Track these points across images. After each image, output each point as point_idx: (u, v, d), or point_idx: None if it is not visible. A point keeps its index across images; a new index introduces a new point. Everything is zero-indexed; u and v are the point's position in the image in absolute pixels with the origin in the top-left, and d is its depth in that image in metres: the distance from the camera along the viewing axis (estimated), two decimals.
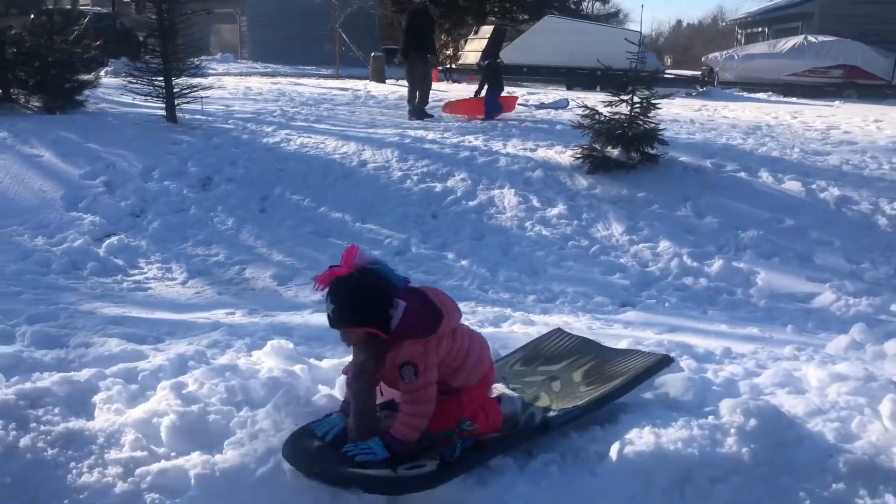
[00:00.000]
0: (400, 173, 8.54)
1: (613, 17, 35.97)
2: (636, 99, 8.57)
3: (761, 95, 21.62)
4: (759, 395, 3.11)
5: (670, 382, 3.09)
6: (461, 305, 3.01)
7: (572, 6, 32.08)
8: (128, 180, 8.05)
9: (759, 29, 31.52)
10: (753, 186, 8.42)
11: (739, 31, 34.79)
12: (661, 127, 8.71)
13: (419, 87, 11.96)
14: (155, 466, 2.49)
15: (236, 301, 5.76)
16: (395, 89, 16.64)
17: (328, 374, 3.17)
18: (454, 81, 23.26)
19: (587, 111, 8.72)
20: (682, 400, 2.96)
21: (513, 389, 3.05)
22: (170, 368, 3.30)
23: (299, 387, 2.90)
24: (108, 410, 2.83)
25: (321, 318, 5.18)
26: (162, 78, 9.68)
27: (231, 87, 15.46)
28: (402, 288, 2.61)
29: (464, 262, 6.82)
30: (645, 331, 4.68)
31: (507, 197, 8.04)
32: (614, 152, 8.61)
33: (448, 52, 34.45)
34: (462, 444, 2.51)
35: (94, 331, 4.08)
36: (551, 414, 2.85)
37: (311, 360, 3.40)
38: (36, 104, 10.68)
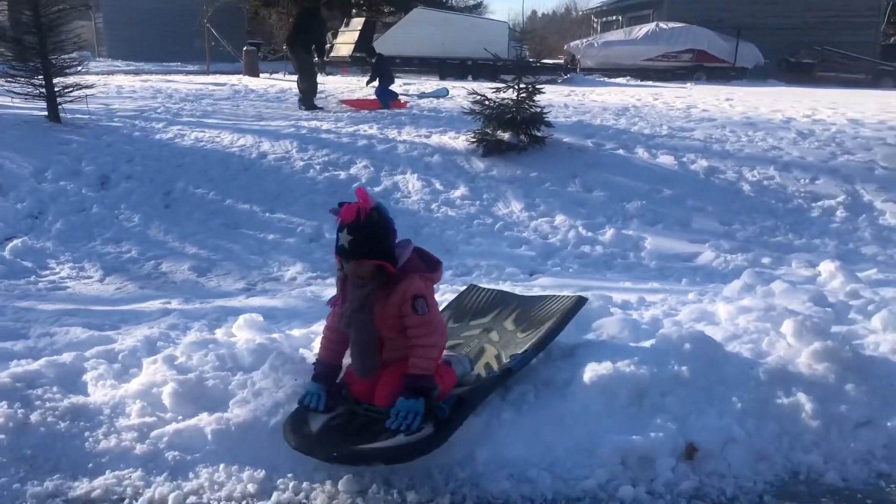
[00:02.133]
0: (302, 163, 8.69)
1: (476, 9, 36.87)
2: (522, 85, 9.08)
3: (620, 80, 22.95)
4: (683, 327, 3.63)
5: (606, 324, 3.55)
6: None
7: None
8: (20, 182, 7.79)
9: (614, 17, 33.25)
10: (632, 162, 9.14)
11: (595, 20, 36.55)
12: (546, 110, 9.28)
13: (309, 80, 12.12)
14: (169, 428, 2.69)
15: (163, 293, 5.80)
16: (273, 83, 16.59)
17: (301, 342, 3.41)
18: (327, 74, 23.28)
19: (478, 98, 9.16)
20: (621, 336, 3.42)
21: (456, 345, 3.33)
22: (143, 348, 3.45)
23: (286, 349, 3.14)
24: (102, 386, 2.98)
25: (261, 301, 5.38)
26: (42, 77, 9.32)
27: (100, 86, 14.91)
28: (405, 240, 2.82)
29: None
30: (562, 290, 5.13)
31: (411, 182, 8.37)
32: (505, 135, 9.10)
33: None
34: (448, 404, 2.71)
35: (50, 322, 4.10)
36: (506, 361, 3.12)
37: (286, 331, 3.62)
38: None
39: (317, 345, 3.36)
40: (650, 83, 21.47)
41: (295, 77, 12.79)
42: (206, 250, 6.92)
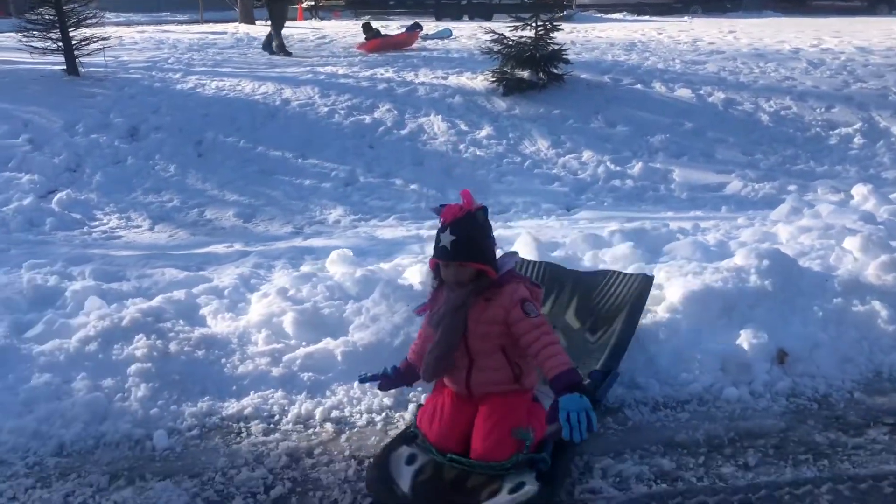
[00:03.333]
0: (326, 109, 8.76)
1: None
2: (539, 23, 9.13)
3: (617, 16, 22.76)
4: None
5: (678, 247, 3.76)
6: (424, 225, 3.27)
7: None
8: (53, 136, 7.86)
9: None
10: (651, 96, 9.26)
11: None
12: (564, 47, 9.35)
13: (277, 27, 12.25)
14: (300, 352, 2.91)
15: (218, 239, 5.96)
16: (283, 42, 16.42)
17: (392, 274, 3.59)
18: (321, 19, 22.98)
19: (496, 36, 9.20)
20: (695, 257, 3.63)
21: None
22: (242, 285, 3.63)
23: (391, 278, 3.34)
24: (222, 319, 3.19)
25: (322, 241, 5.54)
26: (58, 30, 9.28)
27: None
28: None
29: (413, 187, 7.26)
30: (610, 223, 5.30)
31: (436, 123, 8.47)
32: (524, 74, 9.18)
33: None
34: (546, 452, 2.43)
35: (140, 265, 4.28)
36: (586, 381, 2.74)
37: (378, 264, 3.80)
38: None
39: (408, 275, 3.53)
40: (646, 18, 21.32)
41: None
42: (247, 197, 7.06)
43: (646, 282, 3.16)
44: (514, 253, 2.69)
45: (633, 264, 3.54)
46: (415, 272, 3.37)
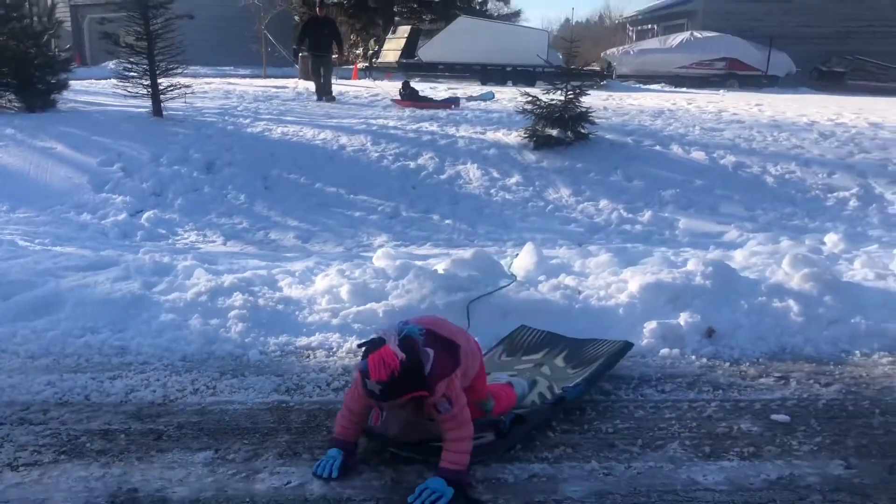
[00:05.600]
0: (376, 154, 9.97)
1: (515, 16, 38.13)
2: (569, 88, 10.31)
3: (655, 87, 23.93)
4: None
5: (650, 260, 4.76)
6: (456, 252, 4.24)
7: (477, 6, 33.99)
8: (141, 166, 9.17)
9: (649, 26, 34.26)
10: (667, 157, 10.30)
11: (630, 29, 37.56)
12: (591, 110, 10.49)
13: (326, 78, 14.59)
14: (352, 310, 3.99)
15: (280, 254, 7.09)
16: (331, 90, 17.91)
17: (423, 265, 4.65)
18: (374, 79, 24.58)
19: (530, 98, 10.39)
20: (660, 265, 4.62)
21: (509, 376, 3.55)
22: (308, 271, 4.73)
23: (422, 266, 4.41)
24: (295, 288, 4.30)
25: (370, 254, 6.61)
26: (148, 79, 10.74)
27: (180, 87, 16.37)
28: (421, 335, 2.70)
29: (448, 221, 8.35)
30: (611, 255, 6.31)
31: (471, 171, 9.61)
32: (554, 132, 10.31)
33: (359, 52, 35.70)
34: (508, 419, 2.98)
35: (228, 259, 5.42)
36: (558, 392, 3.39)
37: (412, 262, 4.87)
38: (17, 104, 11.49)
39: (435, 264, 4.57)
40: (684, 90, 22.43)
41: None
42: (306, 223, 8.21)
43: (626, 344, 3.76)
44: (427, 352, 2.67)
45: (608, 269, 4.55)
46: (440, 263, 4.42)
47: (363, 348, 2.63)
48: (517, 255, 4.91)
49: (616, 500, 2.58)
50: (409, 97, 14.15)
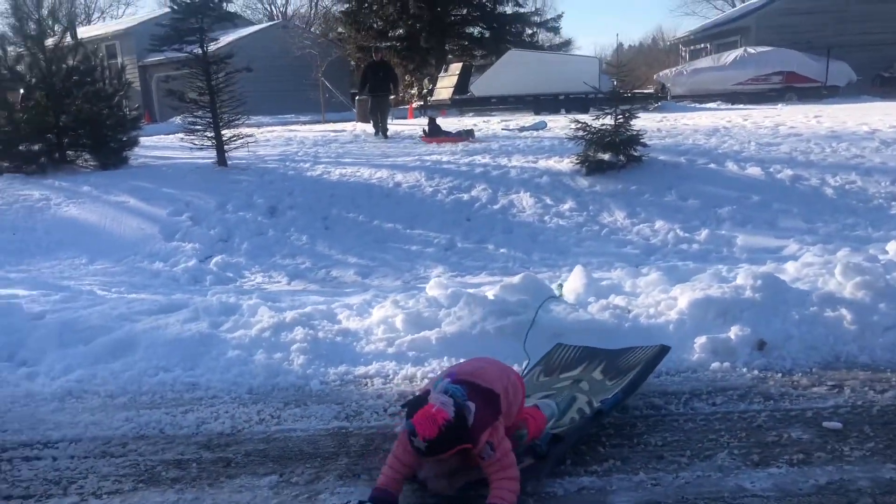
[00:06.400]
0: (431, 189, 10.20)
1: (565, 46, 38.38)
2: (618, 112, 10.38)
3: (711, 105, 23.71)
4: None
5: (700, 277, 4.79)
6: (513, 279, 4.34)
7: (527, 38, 34.36)
8: (208, 214, 9.60)
9: (702, 45, 33.96)
10: (723, 174, 10.24)
11: (683, 49, 37.30)
12: (641, 132, 10.53)
13: (383, 117, 15.64)
14: (406, 338, 4.16)
15: (340, 289, 7.33)
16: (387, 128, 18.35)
17: (474, 292, 4.80)
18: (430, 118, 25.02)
19: (580, 124, 10.50)
20: (710, 282, 4.66)
21: (547, 395, 3.58)
22: (364, 304, 4.93)
23: (473, 293, 4.55)
24: (353, 320, 4.50)
25: (423, 284, 6.78)
26: (212, 131, 11.27)
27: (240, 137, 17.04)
28: (462, 391, 2.71)
29: (503, 250, 8.49)
30: (667, 273, 6.34)
31: (524, 199, 9.74)
32: (605, 156, 10.38)
33: (413, 91, 36.40)
34: (543, 441, 3.03)
35: (289, 296, 5.68)
36: (597, 405, 3.37)
37: (462, 289, 5.02)
38: (92, 163, 12.17)
39: (486, 291, 4.70)
40: (740, 106, 22.17)
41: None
42: (365, 259, 8.45)
43: (661, 348, 3.75)
44: (469, 406, 2.68)
45: (658, 287, 4.61)
46: (490, 290, 4.56)
47: (405, 409, 2.71)
48: (566, 279, 5.01)
49: None
50: (433, 133, 14.73)
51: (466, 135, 14.47)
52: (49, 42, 12.08)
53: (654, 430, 3.27)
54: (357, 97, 23.67)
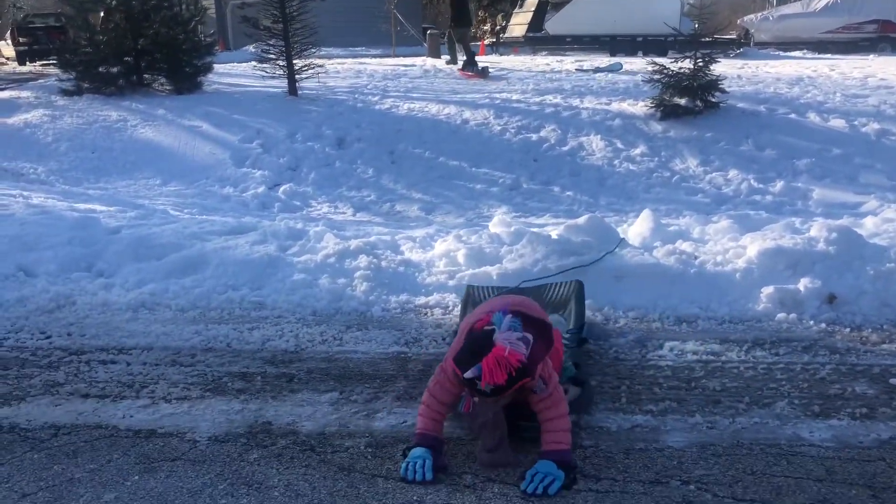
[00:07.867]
0: (499, 128, 10.10)
1: None
2: (698, 55, 10.02)
3: (797, 54, 22.64)
4: None
5: (773, 227, 4.66)
6: (578, 221, 4.31)
7: None
8: (278, 143, 9.73)
9: None
10: (803, 125, 9.84)
11: None
12: (721, 78, 10.16)
13: (468, 48, 15.70)
14: (467, 272, 4.18)
15: (404, 223, 7.38)
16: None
17: (537, 231, 4.78)
18: (501, 54, 24.62)
19: (657, 67, 10.19)
20: (783, 232, 4.53)
21: None
22: (427, 238, 4.97)
23: (536, 232, 4.54)
24: (415, 252, 4.54)
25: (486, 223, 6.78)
26: (284, 60, 11.33)
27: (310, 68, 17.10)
28: (519, 323, 2.57)
29: (568, 193, 8.40)
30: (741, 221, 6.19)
31: (595, 142, 9.57)
32: (682, 101, 10.07)
33: (486, 27, 35.72)
34: (570, 370, 3.03)
35: (353, 226, 5.77)
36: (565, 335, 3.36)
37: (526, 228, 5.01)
38: (167, 87, 12.40)
39: (550, 230, 4.67)
40: (828, 56, 21.14)
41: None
42: (429, 196, 8.49)
43: (578, 284, 3.76)
44: (527, 337, 2.51)
45: (728, 235, 4.51)
46: (554, 229, 4.53)
47: (469, 348, 2.51)
48: (632, 223, 4.94)
49: (717, 452, 2.62)
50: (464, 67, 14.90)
51: (482, 73, 14.44)
52: None
53: (712, 375, 3.24)
54: (428, 32, 23.42)
